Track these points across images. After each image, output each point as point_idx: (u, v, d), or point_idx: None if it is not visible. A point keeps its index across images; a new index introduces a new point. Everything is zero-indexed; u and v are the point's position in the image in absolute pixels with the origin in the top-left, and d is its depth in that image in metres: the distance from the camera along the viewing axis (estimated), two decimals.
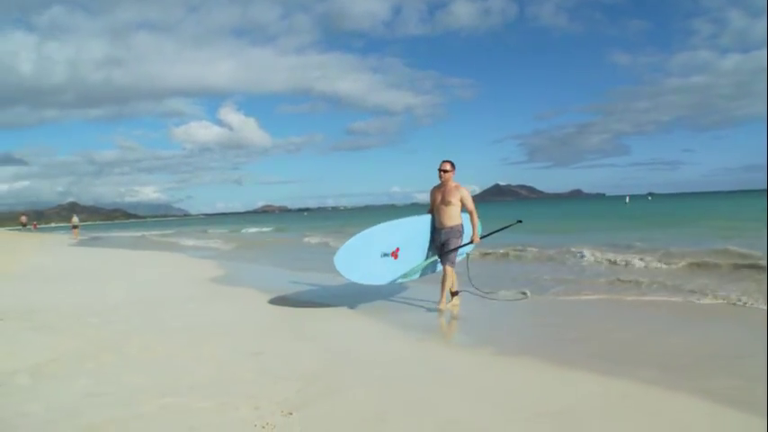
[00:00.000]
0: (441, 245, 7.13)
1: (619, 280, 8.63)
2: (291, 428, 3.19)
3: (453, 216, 7.06)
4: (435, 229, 7.20)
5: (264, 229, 39.63)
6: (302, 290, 8.79)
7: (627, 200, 66.28)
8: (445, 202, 7.03)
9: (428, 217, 7.34)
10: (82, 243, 30.99)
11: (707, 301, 6.91)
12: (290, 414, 3.40)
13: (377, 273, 7.10)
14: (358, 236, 7.14)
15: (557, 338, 5.46)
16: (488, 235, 7.55)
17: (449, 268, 7.02)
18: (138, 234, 45.24)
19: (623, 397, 3.66)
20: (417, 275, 7.47)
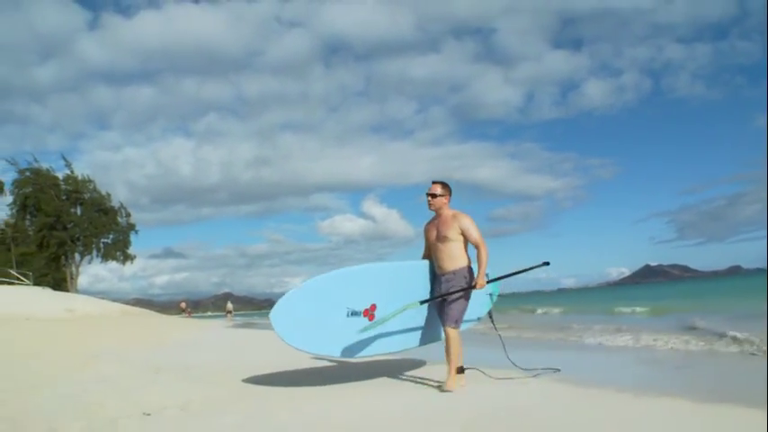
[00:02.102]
0: (441, 297, 5.27)
1: None
2: None
3: (455, 256, 5.22)
4: (435, 277, 5.41)
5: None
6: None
7: None
8: (441, 239, 5.24)
9: (423, 263, 5.50)
10: (235, 326, 32.75)
11: None
12: None
13: (339, 339, 5.06)
14: (312, 281, 5.07)
15: None
16: (501, 278, 5.67)
17: (450, 331, 5.14)
18: None
19: None
20: (406, 345, 5.50)
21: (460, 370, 5.18)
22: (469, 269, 5.25)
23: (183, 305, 55.39)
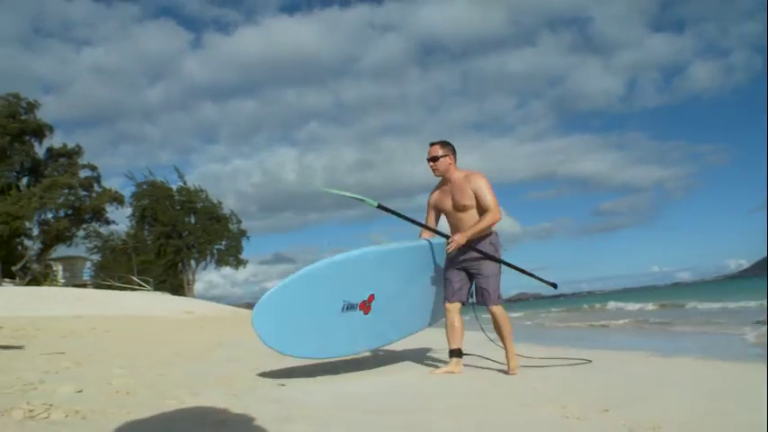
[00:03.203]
0: (468, 274, 4.68)
1: None
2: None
3: None
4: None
5: (515, 314, 38.92)
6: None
7: None
8: (460, 207, 4.63)
9: (425, 244, 4.85)
10: None
11: None
12: (606, 411, 3.03)
13: (333, 339, 4.49)
14: (300, 274, 4.26)
15: None
16: (485, 255, 4.61)
17: (496, 308, 4.61)
18: None
19: None
20: (406, 331, 5.04)
21: (457, 353, 4.62)
22: (495, 236, 4.68)
23: None
